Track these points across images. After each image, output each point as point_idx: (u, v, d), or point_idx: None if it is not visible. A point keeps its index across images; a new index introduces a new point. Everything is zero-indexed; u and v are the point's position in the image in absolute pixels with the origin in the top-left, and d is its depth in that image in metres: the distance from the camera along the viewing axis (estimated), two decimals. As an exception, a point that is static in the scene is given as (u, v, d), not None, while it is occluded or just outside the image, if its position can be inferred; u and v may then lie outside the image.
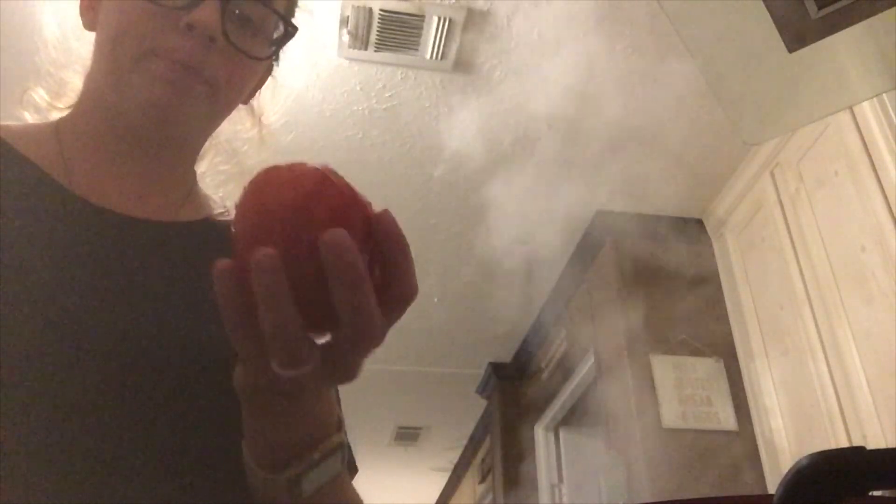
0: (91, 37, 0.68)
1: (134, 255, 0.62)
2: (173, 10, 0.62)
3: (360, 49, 2.49)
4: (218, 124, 0.70)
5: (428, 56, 2.52)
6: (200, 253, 0.64)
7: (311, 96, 2.65)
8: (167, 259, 0.63)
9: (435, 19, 2.40)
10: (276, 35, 0.68)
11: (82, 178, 0.64)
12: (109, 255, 0.60)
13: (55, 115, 0.71)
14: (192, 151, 0.71)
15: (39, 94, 0.74)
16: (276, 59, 0.76)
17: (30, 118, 0.74)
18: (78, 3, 0.70)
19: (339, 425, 0.53)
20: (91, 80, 0.68)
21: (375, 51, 2.50)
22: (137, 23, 0.62)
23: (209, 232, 0.69)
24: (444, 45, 2.48)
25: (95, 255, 0.60)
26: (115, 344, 0.56)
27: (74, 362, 0.53)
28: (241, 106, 0.75)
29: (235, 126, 0.79)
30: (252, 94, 0.77)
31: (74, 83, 0.72)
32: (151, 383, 0.56)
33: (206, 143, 0.73)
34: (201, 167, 0.76)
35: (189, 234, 0.67)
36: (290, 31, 0.68)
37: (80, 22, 0.70)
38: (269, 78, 0.78)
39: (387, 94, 2.69)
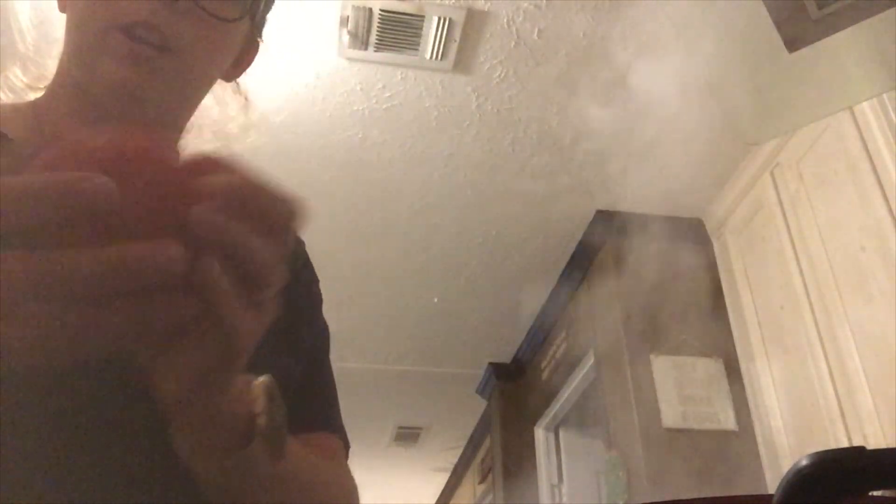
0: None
1: None
2: None
3: (360, 49, 2.49)
4: (195, 95, 0.68)
5: (428, 56, 2.52)
6: None
7: (311, 96, 2.65)
8: None
9: (435, 19, 2.40)
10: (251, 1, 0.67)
11: None
12: None
13: (32, 96, 0.71)
14: (171, 127, 0.70)
15: (16, 75, 0.74)
16: (259, 35, 0.74)
17: (5, 99, 0.73)
18: None
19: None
20: (63, 59, 0.68)
21: (375, 51, 2.50)
22: None
23: None
24: (444, 45, 2.48)
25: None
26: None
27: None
28: (226, 84, 0.74)
29: (225, 108, 0.78)
30: (237, 72, 0.75)
31: (54, 65, 0.72)
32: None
33: (192, 119, 0.72)
34: (186, 142, 0.75)
35: None
36: None
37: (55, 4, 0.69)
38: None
39: (387, 94, 2.68)
